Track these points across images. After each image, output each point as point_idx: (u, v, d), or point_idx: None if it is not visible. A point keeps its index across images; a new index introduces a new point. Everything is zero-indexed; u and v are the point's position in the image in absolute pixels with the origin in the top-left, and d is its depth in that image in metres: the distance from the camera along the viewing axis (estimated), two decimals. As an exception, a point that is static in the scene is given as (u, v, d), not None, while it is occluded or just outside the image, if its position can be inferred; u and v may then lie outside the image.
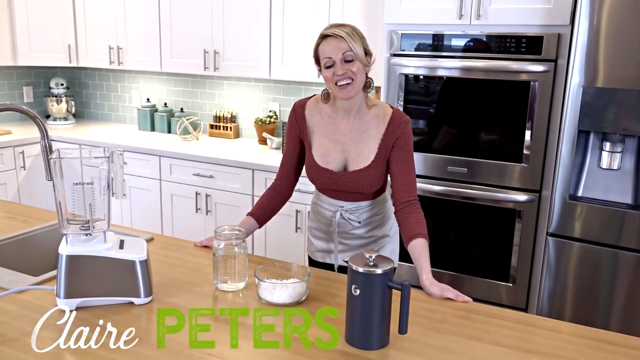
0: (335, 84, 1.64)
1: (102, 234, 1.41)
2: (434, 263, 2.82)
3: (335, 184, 1.79)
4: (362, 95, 1.74)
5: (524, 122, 2.53)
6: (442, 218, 2.79)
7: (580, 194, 2.45)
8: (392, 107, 1.78)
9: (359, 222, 1.83)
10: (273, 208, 1.89)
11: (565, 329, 1.38)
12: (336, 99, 1.74)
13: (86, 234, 1.40)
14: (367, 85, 1.73)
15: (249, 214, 1.86)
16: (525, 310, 2.67)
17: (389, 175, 1.80)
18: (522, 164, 2.57)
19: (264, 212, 1.87)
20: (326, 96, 1.78)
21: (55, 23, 4.02)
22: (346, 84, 1.64)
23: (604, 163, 2.39)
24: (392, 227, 1.91)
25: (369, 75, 1.72)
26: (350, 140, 1.76)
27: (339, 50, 1.62)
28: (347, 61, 1.63)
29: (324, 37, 1.66)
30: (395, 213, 1.78)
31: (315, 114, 1.81)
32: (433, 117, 2.73)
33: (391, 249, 1.93)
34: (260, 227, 1.85)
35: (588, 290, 2.44)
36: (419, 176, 2.78)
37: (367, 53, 1.68)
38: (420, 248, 1.67)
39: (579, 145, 2.39)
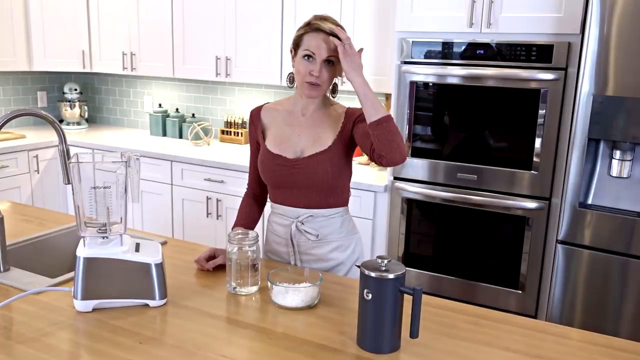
0: (306, 81, 1.62)
1: (118, 237, 1.44)
2: (443, 269, 2.84)
3: (288, 175, 1.70)
4: (324, 94, 1.73)
5: (533, 130, 2.54)
6: (451, 225, 2.80)
7: (590, 201, 2.46)
8: (347, 107, 1.76)
9: (317, 236, 1.73)
10: (257, 214, 1.86)
11: (575, 336, 1.38)
12: (298, 92, 1.71)
13: (103, 237, 1.43)
14: (334, 89, 1.72)
15: (238, 224, 1.80)
16: (534, 317, 2.67)
17: (360, 148, 1.67)
18: (532, 172, 2.58)
19: (251, 220, 1.83)
20: (292, 80, 1.72)
21: (69, 29, 4.08)
22: (315, 85, 1.62)
23: (614, 171, 2.40)
24: (357, 249, 1.82)
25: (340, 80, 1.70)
26: (308, 128, 1.72)
27: (324, 51, 1.59)
28: (327, 63, 1.60)
29: (313, 29, 1.60)
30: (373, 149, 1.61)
31: (271, 111, 1.79)
32: (443, 124, 2.75)
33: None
34: None
35: (598, 298, 2.44)
36: (428, 182, 2.81)
37: None
38: None
39: (589, 153, 2.40)
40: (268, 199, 1.87)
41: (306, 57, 1.61)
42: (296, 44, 1.66)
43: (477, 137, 2.68)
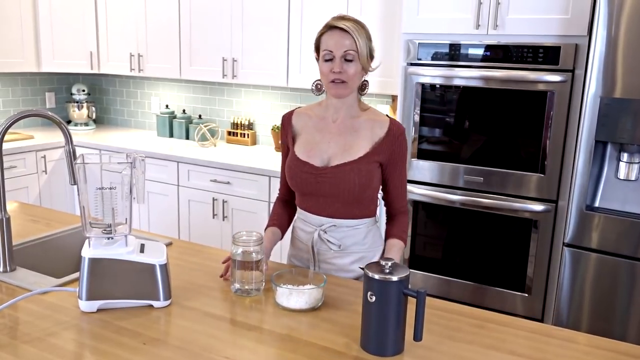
0: (330, 80, 1.60)
1: (123, 237, 1.44)
2: (449, 272, 2.83)
3: (314, 183, 1.66)
4: (355, 95, 1.68)
5: (540, 132, 2.53)
6: (458, 227, 2.79)
7: (597, 204, 2.44)
8: (387, 115, 1.71)
9: (339, 246, 1.70)
10: (288, 218, 1.84)
11: (582, 340, 1.37)
12: (327, 96, 1.69)
13: (108, 238, 1.44)
14: (362, 87, 1.68)
15: (271, 225, 1.79)
16: (541, 321, 2.66)
17: (382, 187, 1.72)
18: (539, 174, 2.57)
19: (281, 222, 1.81)
20: (318, 87, 1.71)
21: (77, 31, 4.10)
22: (340, 82, 1.59)
23: (622, 174, 2.38)
24: None
25: (367, 77, 1.68)
26: (339, 135, 1.67)
27: (342, 47, 1.57)
28: (347, 60, 1.57)
29: (330, 27, 1.60)
30: (387, 215, 1.78)
31: (303, 116, 1.76)
32: (449, 127, 2.74)
33: None
34: (282, 237, 1.80)
35: (605, 302, 2.42)
36: (434, 185, 2.80)
37: (371, 55, 1.63)
38: (392, 247, 1.69)
39: (596, 156, 2.38)
40: None
41: (326, 57, 1.60)
42: (317, 47, 1.65)
43: (483, 139, 2.67)
